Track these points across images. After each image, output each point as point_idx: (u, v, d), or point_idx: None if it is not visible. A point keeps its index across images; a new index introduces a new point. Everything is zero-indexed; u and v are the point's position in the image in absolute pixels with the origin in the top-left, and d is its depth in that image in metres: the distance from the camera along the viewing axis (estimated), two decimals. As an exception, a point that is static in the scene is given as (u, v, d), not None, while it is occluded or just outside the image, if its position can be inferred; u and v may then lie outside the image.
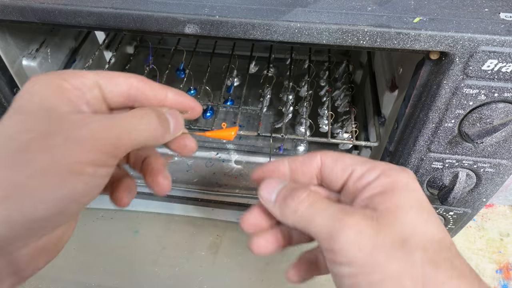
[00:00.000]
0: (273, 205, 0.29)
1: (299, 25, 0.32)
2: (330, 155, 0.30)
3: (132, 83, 0.29)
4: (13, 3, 0.34)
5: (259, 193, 0.30)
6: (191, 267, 0.59)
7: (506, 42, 0.30)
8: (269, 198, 0.29)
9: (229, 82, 0.63)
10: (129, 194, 0.32)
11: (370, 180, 0.27)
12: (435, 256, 0.23)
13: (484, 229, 0.64)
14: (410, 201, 0.26)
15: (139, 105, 0.30)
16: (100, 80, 0.28)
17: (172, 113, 0.29)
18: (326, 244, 0.25)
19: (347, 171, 0.29)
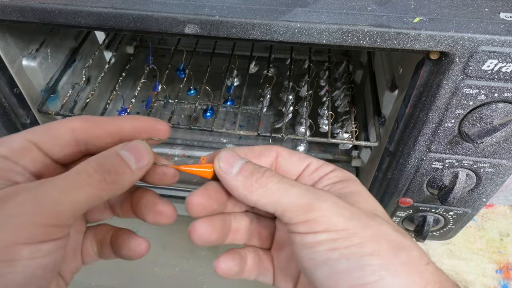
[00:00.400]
0: (234, 177, 0.27)
1: (299, 25, 0.32)
2: (285, 148, 0.31)
3: (75, 128, 0.26)
4: (13, 3, 0.34)
5: (217, 164, 0.27)
6: (191, 267, 0.59)
7: (506, 42, 0.30)
8: (229, 169, 0.27)
9: (229, 82, 0.63)
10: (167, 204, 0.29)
11: (327, 172, 0.29)
12: (399, 229, 0.26)
13: (484, 229, 0.64)
14: (364, 190, 0.29)
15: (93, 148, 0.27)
16: (35, 138, 0.25)
17: (129, 147, 0.26)
18: (300, 214, 0.25)
19: (304, 162, 0.30)
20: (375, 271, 0.23)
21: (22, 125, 0.49)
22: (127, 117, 0.28)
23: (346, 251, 0.24)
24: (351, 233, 0.24)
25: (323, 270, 0.24)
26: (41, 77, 0.51)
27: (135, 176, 0.26)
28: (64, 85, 0.56)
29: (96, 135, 0.27)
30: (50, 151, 0.26)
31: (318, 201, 0.25)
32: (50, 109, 0.51)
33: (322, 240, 0.24)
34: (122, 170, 0.25)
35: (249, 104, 0.69)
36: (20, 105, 0.47)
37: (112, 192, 0.24)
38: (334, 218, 0.25)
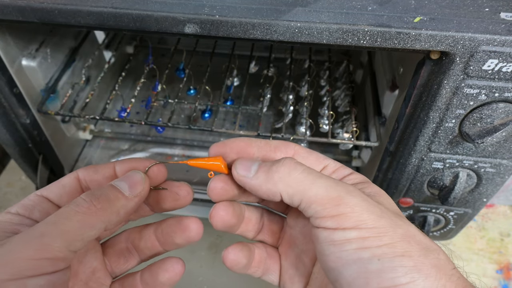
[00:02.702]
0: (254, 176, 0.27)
1: (299, 24, 0.32)
2: (303, 147, 0.30)
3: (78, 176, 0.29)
4: (13, 3, 0.34)
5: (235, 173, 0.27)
6: (191, 267, 0.59)
7: (506, 42, 0.30)
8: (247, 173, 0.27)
9: (229, 82, 0.63)
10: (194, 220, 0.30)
11: (345, 174, 0.29)
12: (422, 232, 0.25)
13: (484, 229, 0.64)
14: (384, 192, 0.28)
15: None
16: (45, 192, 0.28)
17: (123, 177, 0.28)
18: (329, 208, 0.24)
19: (321, 163, 0.29)
20: (407, 273, 0.22)
21: (21, 125, 0.49)
22: (123, 161, 0.30)
23: (378, 250, 0.23)
24: (382, 232, 0.23)
25: (352, 270, 0.23)
26: (41, 77, 0.51)
27: (131, 203, 0.27)
28: (63, 85, 0.56)
29: (95, 180, 0.29)
30: (59, 200, 0.28)
31: (348, 195, 0.24)
32: (49, 109, 0.51)
33: (352, 238, 0.23)
34: (114, 196, 0.26)
35: (249, 104, 0.69)
36: (19, 105, 0.47)
37: (104, 218, 0.25)
38: (365, 214, 0.24)
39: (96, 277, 0.30)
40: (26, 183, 0.69)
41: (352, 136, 0.51)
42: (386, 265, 0.22)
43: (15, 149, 0.50)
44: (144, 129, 0.67)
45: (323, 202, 0.24)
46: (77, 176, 0.29)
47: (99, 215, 0.24)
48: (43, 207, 0.27)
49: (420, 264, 0.23)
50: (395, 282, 0.22)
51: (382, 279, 0.22)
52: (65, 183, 0.28)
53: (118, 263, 0.31)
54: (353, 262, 0.23)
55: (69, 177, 0.29)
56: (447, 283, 0.22)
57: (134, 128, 0.67)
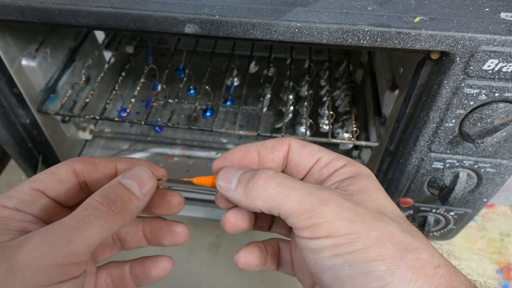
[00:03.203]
0: (234, 191, 0.27)
1: (299, 24, 0.32)
2: (298, 141, 0.30)
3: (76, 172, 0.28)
4: (13, 3, 0.34)
5: (217, 184, 0.28)
6: (191, 267, 0.59)
7: (506, 41, 0.30)
8: (228, 186, 0.27)
9: (229, 82, 0.63)
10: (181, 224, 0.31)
11: (337, 167, 0.28)
12: (408, 228, 0.25)
13: (484, 229, 0.64)
14: (376, 185, 0.28)
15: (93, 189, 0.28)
16: (41, 186, 0.27)
17: (130, 174, 0.27)
18: (303, 220, 0.25)
19: (314, 157, 0.29)
20: (379, 277, 0.22)
21: (21, 125, 0.49)
22: (123, 159, 0.30)
23: (349, 257, 0.23)
24: (355, 238, 0.24)
25: (328, 276, 0.24)
26: (41, 77, 0.51)
27: (142, 203, 0.27)
28: (63, 85, 0.56)
29: (94, 177, 0.29)
30: (57, 196, 0.28)
31: (320, 205, 0.25)
32: (49, 109, 0.51)
33: (325, 246, 0.24)
34: (128, 199, 0.26)
35: (249, 104, 0.69)
36: (19, 105, 0.47)
37: (121, 221, 0.25)
38: (337, 222, 0.24)
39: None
40: (26, 183, 0.69)
41: (352, 136, 0.51)
42: (357, 271, 0.23)
43: (15, 149, 0.50)
44: (144, 129, 0.67)
45: (297, 215, 0.25)
46: (74, 171, 0.28)
47: (117, 219, 0.25)
48: (43, 204, 0.26)
49: (394, 267, 0.22)
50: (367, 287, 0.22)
51: (355, 284, 0.23)
52: (62, 178, 0.28)
53: (103, 252, 0.32)
54: (328, 268, 0.24)
55: (66, 171, 0.28)
56: (425, 284, 0.22)
57: (134, 128, 0.67)
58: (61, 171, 0.28)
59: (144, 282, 0.31)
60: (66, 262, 0.22)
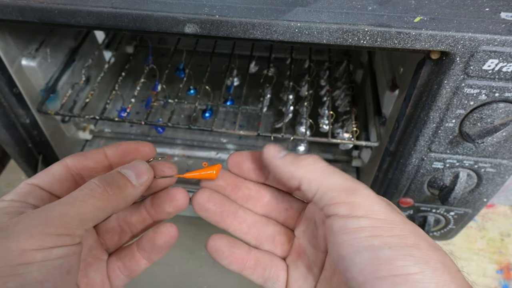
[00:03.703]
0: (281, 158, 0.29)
1: (300, 24, 0.32)
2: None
3: (68, 164, 0.30)
4: (13, 3, 0.34)
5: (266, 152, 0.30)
6: (191, 267, 0.59)
7: (506, 41, 0.30)
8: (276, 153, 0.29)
9: (229, 82, 0.63)
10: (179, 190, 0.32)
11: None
12: None
13: (484, 229, 0.64)
14: None
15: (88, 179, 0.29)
16: (35, 180, 0.28)
17: (129, 166, 0.29)
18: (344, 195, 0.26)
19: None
20: (417, 263, 0.23)
21: (21, 125, 0.49)
22: (111, 145, 0.31)
23: (389, 239, 0.24)
24: (393, 224, 0.24)
25: (363, 257, 0.24)
26: (41, 77, 0.51)
27: (137, 191, 0.28)
28: (63, 85, 0.56)
29: (86, 165, 0.30)
30: (50, 187, 0.29)
31: (362, 187, 0.26)
32: (49, 109, 0.51)
33: (364, 226, 0.24)
34: (123, 184, 0.27)
35: (249, 104, 0.69)
36: (19, 105, 0.47)
37: (115, 204, 0.27)
38: (376, 206, 0.25)
39: (93, 254, 0.32)
40: (26, 183, 0.69)
41: (352, 136, 0.51)
42: (396, 253, 0.23)
43: (15, 149, 0.50)
44: (144, 129, 0.67)
45: (338, 190, 0.26)
46: (66, 164, 0.30)
47: (110, 201, 0.26)
48: (37, 194, 0.28)
49: (429, 257, 0.23)
50: (405, 270, 0.23)
51: (392, 267, 0.23)
52: (54, 171, 0.29)
53: (112, 240, 0.33)
54: (364, 249, 0.24)
55: (58, 166, 0.30)
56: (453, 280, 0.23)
57: (134, 128, 0.67)
58: (53, 167, 0.30)
59: (154, 254, 0.32)
60: (59, 232, 0.23)
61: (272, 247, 0.33)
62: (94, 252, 0.32)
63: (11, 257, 0.22)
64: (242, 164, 0.33)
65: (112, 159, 0.31)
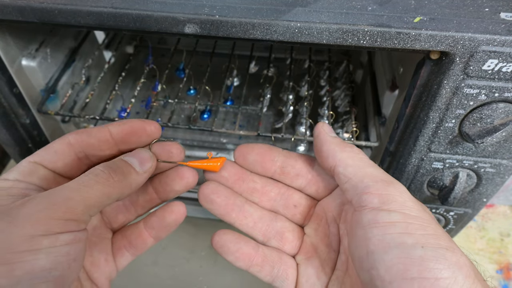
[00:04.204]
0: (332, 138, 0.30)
1: (299, 24, 0.32)
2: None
3: (71, 142, 0.29)
4: (13, 3, 0.34)
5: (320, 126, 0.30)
6: (191, 267, 0.59)
7: (506, 42, 0.30)
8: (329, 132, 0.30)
9: (229, 82, 0.63)
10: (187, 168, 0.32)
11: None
12: None
13: (484, 229, 0.64)
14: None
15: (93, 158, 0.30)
16: (37, 158, 0.28)
17: (132, 153, 0.29)
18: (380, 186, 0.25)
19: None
20: (449, 267, 0.21)
21: (21, 125, 0.49)
22: (115, 123, 0.30)
23: (423, 238, 0.22)
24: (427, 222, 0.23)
25: (393, 254, 0.23)
26: (41, 77, 0.51)
27: (141, 178, 0.28)
28: (63, 85, 0.56)
29: (90, 144, 0.29)
30: (54, 167, 0.28)
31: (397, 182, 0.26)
32: (49, 109, 0.51)
33: (396, 221, 0.23)
34: (127, 171, 0.27)
35: (249, 104, 0.69)
36: (19, 105, 0.47)
37: (120, 190, 0.27)
38: (410, 203, 0.24)
39: (97, 233, 0.32)
40: (26, 183, 0.69)
41: (352, 136, 0.51)
42: (429, 253, 0.22)
43: (15, 149, 0.50)
44: (144, 129, 0.67)
45: (375, 179, 0.26)
46: (68, 142, 0.29)
47: (115, 187, 0.26)
48: (41, 173, 0.27)
49: (462, 262, 0.22)
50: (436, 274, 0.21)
51: (423, 268, 0.22)
52: (57, 149, 0.28)
53: (116, 218, 0.33)
54: (395, 246, 0.23)
55: (60, 143, 0.29)
56: None
57: (134, 128, 0.67)
58: (55, 144, 0.29)
59: (162, 232, 0.32)
60: (65, 217, 0.23)
61: (280, 244, 0.33)
62: (99, 231, 0.32)
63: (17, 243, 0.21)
64: (248, 155, 0.32)
65: (117, 138, 0.30)
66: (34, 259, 0.22)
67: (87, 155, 0.30)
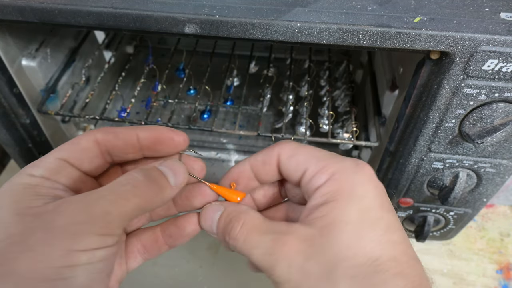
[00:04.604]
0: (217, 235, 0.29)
1: (299, 24, 0.32)
2: (286, 150, 0.28)
3: (98, 141, 0.28)
4: (13, 3, 0.34)
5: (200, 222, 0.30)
6: (191, 267, 0.59)
7: (506, 42, 0.30)
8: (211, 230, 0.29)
9: (229, 82, 0.63)
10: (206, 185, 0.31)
11: (318, 185, 0.26)
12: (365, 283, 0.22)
13: (484, 229, 0.64)
14: (350, 213, 0.24)
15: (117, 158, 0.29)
16: (65, 155, 0.26)
17: (167, 164, 0.27)
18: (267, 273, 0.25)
19: (300, 170, 0.27)
20: None
21: (21, 125, 0.49)
22: (144, 127, 0.29)
23: None
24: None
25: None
26: (41, 77, 0.51)
27: (173, 192, 0.27)
28: (63, 85, 0.56)
29: (115, 145, 0.28)
30: (81, 165, 0.27)
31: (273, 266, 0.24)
32: (49, 109, 0.51)
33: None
34: (164, 184, 0.26)
35: (249, 104, 0.69)
36: (19, 105, 0.47)
37: (154, 204, 0.26)
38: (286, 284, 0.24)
39: None
40: (26, 183, 0.69)
41: (352, 136, 0.51)
42: None
43: (15, 149, 0.50)
44: (144, 129, 0.67)
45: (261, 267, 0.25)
46: (95, 140, 0.28)
47: (150, 201, 0.25)
48: (68, 172, 0.26)
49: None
50: None
51: None
52: (84, 147, 0.27)
53: (132, 222, 0.32)
54: None
55: (88, 141, 0.27)
56: None
57: (134, 128, 0.67)
58: (82, 141, 0.27)
59: (178, 240, 0.32)
60: (103, 232, 0.22)
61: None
62: None
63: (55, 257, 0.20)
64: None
65: (143, 143, 0.29)
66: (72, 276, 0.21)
67: (112, 155, 0.29)
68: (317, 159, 0.27)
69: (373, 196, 0.25)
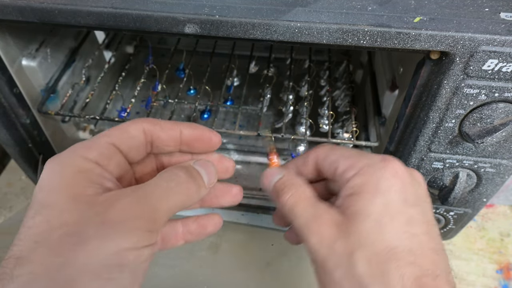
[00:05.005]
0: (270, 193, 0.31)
1: (299, 24, 0.32)
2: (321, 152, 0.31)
3: (145, 130, 0.28)
4: (13, 3, 0.34)
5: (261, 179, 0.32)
6: (191, 267, 0.59)
7: (506, 42, 0.30)
8: (267, 188, 0.31)
9: (229, 82, 0.63)
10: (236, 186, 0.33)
11: (348, 177, 0.28)
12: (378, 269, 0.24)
13: (484, 229, 0.64)
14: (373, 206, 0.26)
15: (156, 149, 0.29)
16: (116, 142, 0.26)
17: (201, 164, 0.29)
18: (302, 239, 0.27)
19: (332, 167, 0.30)
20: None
21: (21, 125, 0.49)
22: (187, 124, 0.30)
23: None
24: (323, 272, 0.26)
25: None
26: (41, 77, 0.51)
27: (205, 192, 0.28)
28: (63, 85, 0.56)
29: (160, 137, 0.29)
30: (128, 153, 0.27)
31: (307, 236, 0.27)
32: (49, 109, 0.51)
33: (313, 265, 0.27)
34: (200, 183, 0.27)
35: (249, 104, 0.69)
36: (19, 105, 0.47)
37: (193, 202, 0.27)
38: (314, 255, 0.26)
39: None
40: (26, 183, 0.69)
41: (352, 136, 0.51)
42: None
43: (15, 149, 0.50)
44: (144, 129, 0.67)
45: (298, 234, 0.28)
46: (143, 129, 0.28)
47: (192, 199, 0.26)
48: (118, 160, 0.26)
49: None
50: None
51: None
52: (134, 135, 0.27)
53: None
54: None
55: (136, 129, 0.28)
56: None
57: (134, 128, 0.67)
58: (132, 128, 0.28)
59: (197, 238, 0.32)
60: (149, 228, 0.22)
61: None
62: None
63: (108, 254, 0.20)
64: None
65: (184, 139, 0.30)
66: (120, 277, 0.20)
67: (153, 146, 0.29)
68: (345, 158, 0.29)
69: (396, 190, 0.26)
